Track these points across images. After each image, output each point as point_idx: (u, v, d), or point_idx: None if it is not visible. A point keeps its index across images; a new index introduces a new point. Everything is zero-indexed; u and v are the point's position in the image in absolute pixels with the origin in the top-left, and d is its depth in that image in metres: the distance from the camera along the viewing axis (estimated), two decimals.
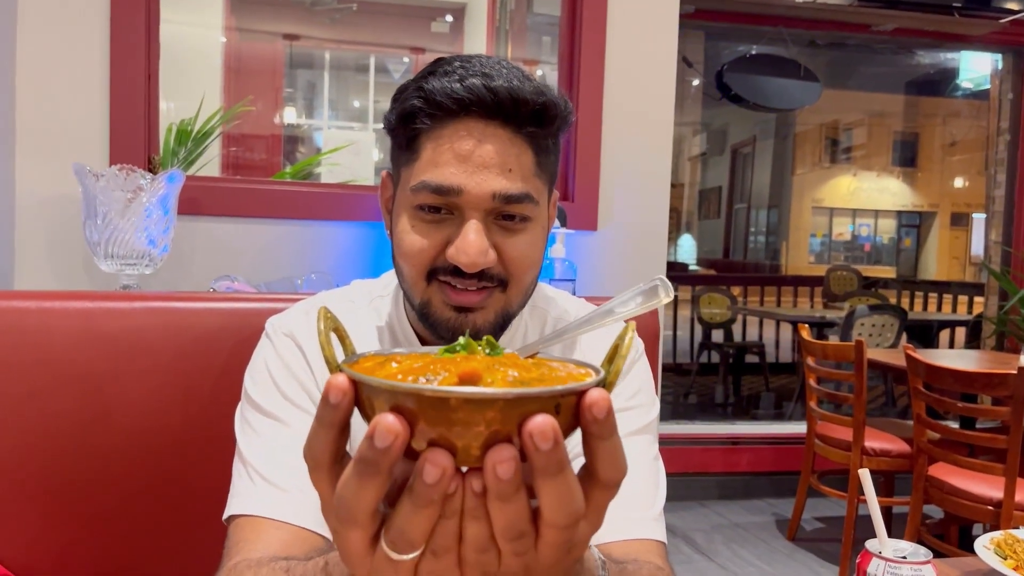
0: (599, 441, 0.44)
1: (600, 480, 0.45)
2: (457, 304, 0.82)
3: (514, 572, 0.46)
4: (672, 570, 0.85)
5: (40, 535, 1.09)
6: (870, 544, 0.87)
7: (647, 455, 0.92)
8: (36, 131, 2.05)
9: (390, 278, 0.99)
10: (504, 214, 0.81)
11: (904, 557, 0.85)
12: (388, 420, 0.40)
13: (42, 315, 1.13)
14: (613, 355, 0.47)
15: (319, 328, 0.48)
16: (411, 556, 0.44)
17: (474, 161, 0.78)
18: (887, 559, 0.84)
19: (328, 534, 0.78)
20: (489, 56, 0.83)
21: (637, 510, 0.86)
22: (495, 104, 0.78)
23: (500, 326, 0.84)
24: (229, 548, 0.80)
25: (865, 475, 0.87)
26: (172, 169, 1.75)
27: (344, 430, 0.45)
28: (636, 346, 0.98)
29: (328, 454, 0.45)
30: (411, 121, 0.80)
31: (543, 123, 0.81)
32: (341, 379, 0.43)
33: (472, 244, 0.78)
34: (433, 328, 0.84)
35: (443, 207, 0.80)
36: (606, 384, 0.46)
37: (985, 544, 1.09)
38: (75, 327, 1.13)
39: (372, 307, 0.96)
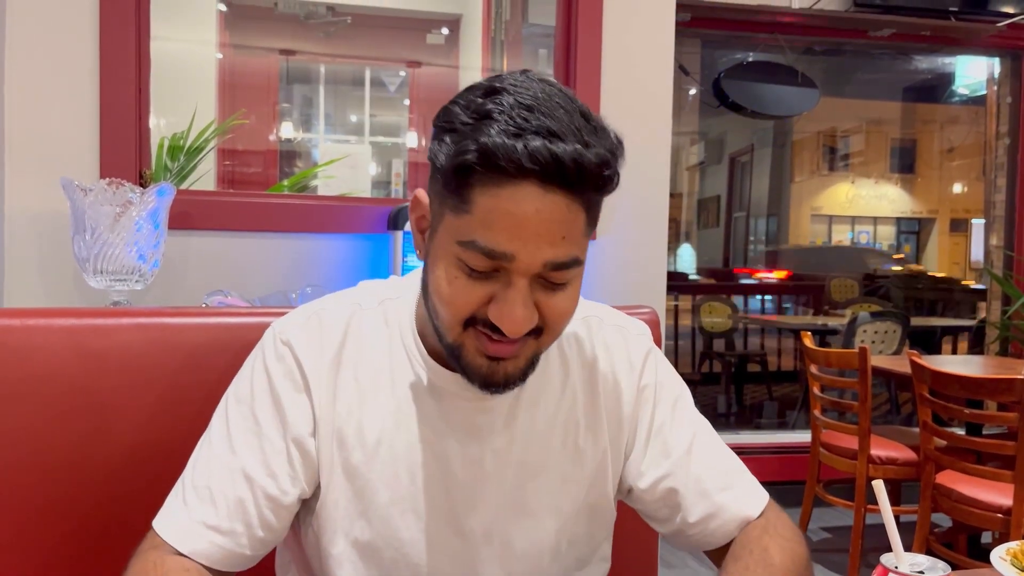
0: None
1: None
2: (493, 354, 0.81)
3: None
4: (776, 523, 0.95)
5: (27, 554, 1.06)
6: (885, 559, 0.83)
7: (708, 435, 1.00)
8: (25, 146, 2.03)
9: (400, 282, 0.96)
10: (550, 278, 0.79)
11: (921, 572, 0.81)
12: None
13: (27, 333, 1.10)
14: None
15: None
16: None
17: (529, 229, 0.75)
18: (904, 575, 0.80)
19: (225, 569, 0.84)
20: (548, 89, 0.77)
21: (733, 487, 0.97)
22: (557, 172, 0.73)
23: (528, 369, 0.84)
24: (142, 546, 0.85)
25: (879, 487, 0.83)
26: (162, 183, 1.72)
27: None
28: (654, 365, 1.00)
29: None
30: (465, 175, 0.75)
31: (602, 190, 0.78)
32: None
33: (519, 314, 0.77)
34: (464, 371, 0.83)
35: (491, 269, 0.78)
36: None
37: (1001, 555, 1.05)
38: (62, 345, 1.10)
39: (381, 308, 0.93)
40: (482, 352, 0.81)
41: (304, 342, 0.89)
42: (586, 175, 0.75)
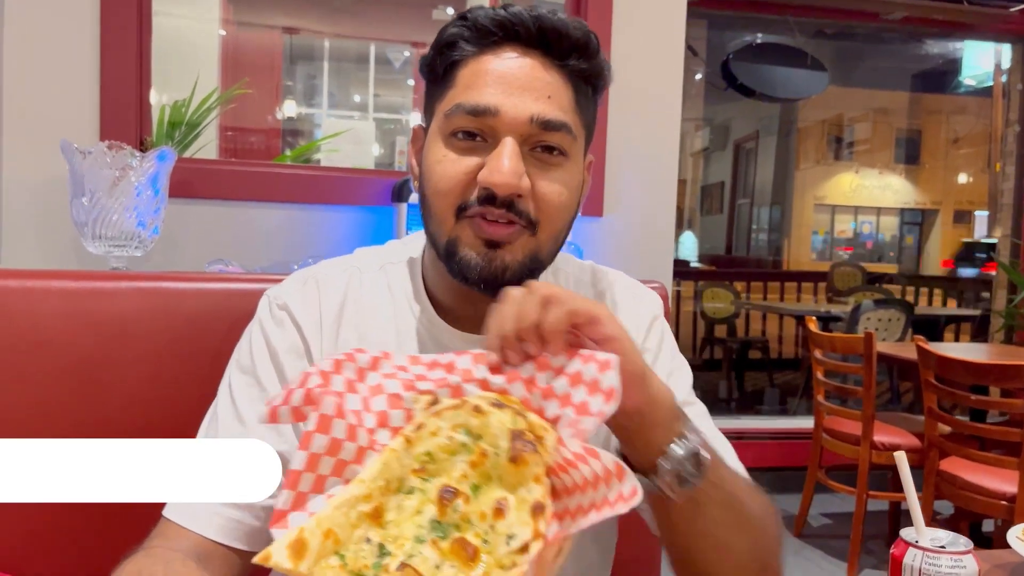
0: None
1: None
2: (488, 237, 0.77)
3: None
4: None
5: (24, 522, 1.04)
6: (905, 533, 0.80)
7: (703, 413, 0.93)
8: (24, 111, 1.99)
9: (399, 247, 0.94)
10: (541, 144, 0.78)
11: (943, 547, 0.78)
12: None
13: (25, 295, 1.08)
14: None
15: None
16: None
17: (513, 83, 0.76)
18: (925, 549, 0.78)
19: (241, 546, 0.78)
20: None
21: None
22: (538, 32, 0.77)
23: (529, 270, 0.80)
24: (152, 535, 0.79)
25: (901, 458, 0.80)
26: (163, 147, 1.69)
27: None
28: (660, 331, 0.96)
29: None
30: (451, 49, 0.79)
31: (584, 57, 0.79)
32: None
33: (506, 164, 0.75)
34: (460, 270, 0.79)
35: (478, 133, 0.77)
36: None
37: (1018, 535, 1.03)
38: (61, 309, 1.08)
39: (382, 271, 0.90)
40: (478, 237, 0.78)
41: (302, 305, 0.86)
42: (565, 39, 0.78)
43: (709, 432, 0.88)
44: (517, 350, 0.64)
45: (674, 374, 0.93)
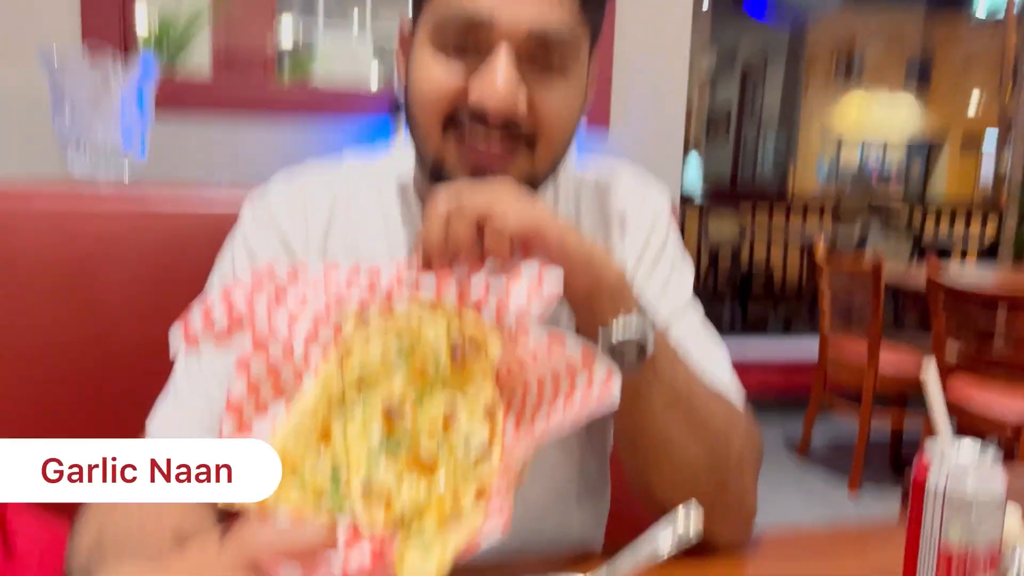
0: None
1: None
2: (475, 164, 0.70)
3: None
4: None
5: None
6: (930, 445, 0.76)
7: (696, 335, 0.84)
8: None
9: (387, 161, 0.87)
10: (541, 55, 0.69)
11: (970, 459, 0.74)
12: None
13: (7, 210, 1.03)
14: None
15: None
16: None
17: None
18: (952, 460, 0.73)
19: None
20: None
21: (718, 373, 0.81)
22: None
23: None
24: None
25: (930, 365, 0.76)
26: (145, 53, 1.60)
27: None
28: (663, 232, 0.88)
29: None
30: None
31: None
32: None
33: (500, 81, 0.67)
34: None
35: (469, 43, 0.68)
36: None
37: None
38: (44, 225, 1.03)
39: (372, 185, 0.84)
40: (465, 165, 0.71)
41: (287, 214, 0.81)
42: None
43: (698, 337, 0.83)
44: (446, 261, 0.61)
45: (673, 277, 0.87)
